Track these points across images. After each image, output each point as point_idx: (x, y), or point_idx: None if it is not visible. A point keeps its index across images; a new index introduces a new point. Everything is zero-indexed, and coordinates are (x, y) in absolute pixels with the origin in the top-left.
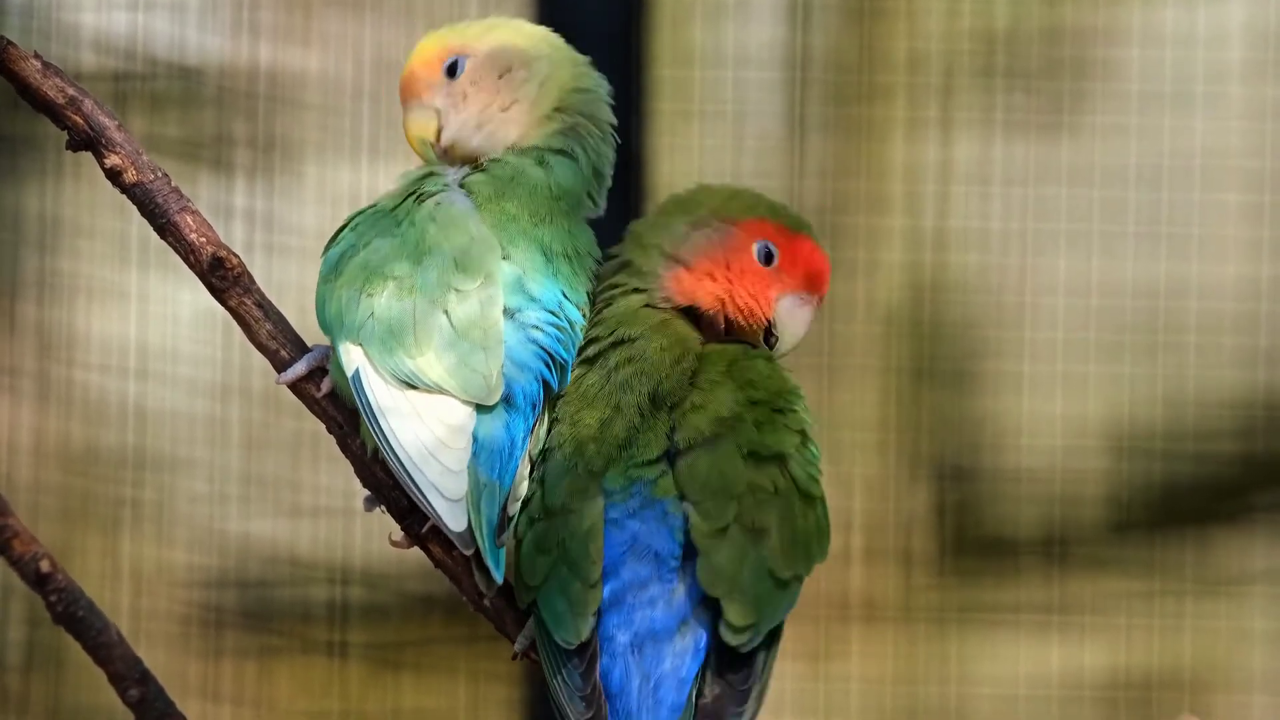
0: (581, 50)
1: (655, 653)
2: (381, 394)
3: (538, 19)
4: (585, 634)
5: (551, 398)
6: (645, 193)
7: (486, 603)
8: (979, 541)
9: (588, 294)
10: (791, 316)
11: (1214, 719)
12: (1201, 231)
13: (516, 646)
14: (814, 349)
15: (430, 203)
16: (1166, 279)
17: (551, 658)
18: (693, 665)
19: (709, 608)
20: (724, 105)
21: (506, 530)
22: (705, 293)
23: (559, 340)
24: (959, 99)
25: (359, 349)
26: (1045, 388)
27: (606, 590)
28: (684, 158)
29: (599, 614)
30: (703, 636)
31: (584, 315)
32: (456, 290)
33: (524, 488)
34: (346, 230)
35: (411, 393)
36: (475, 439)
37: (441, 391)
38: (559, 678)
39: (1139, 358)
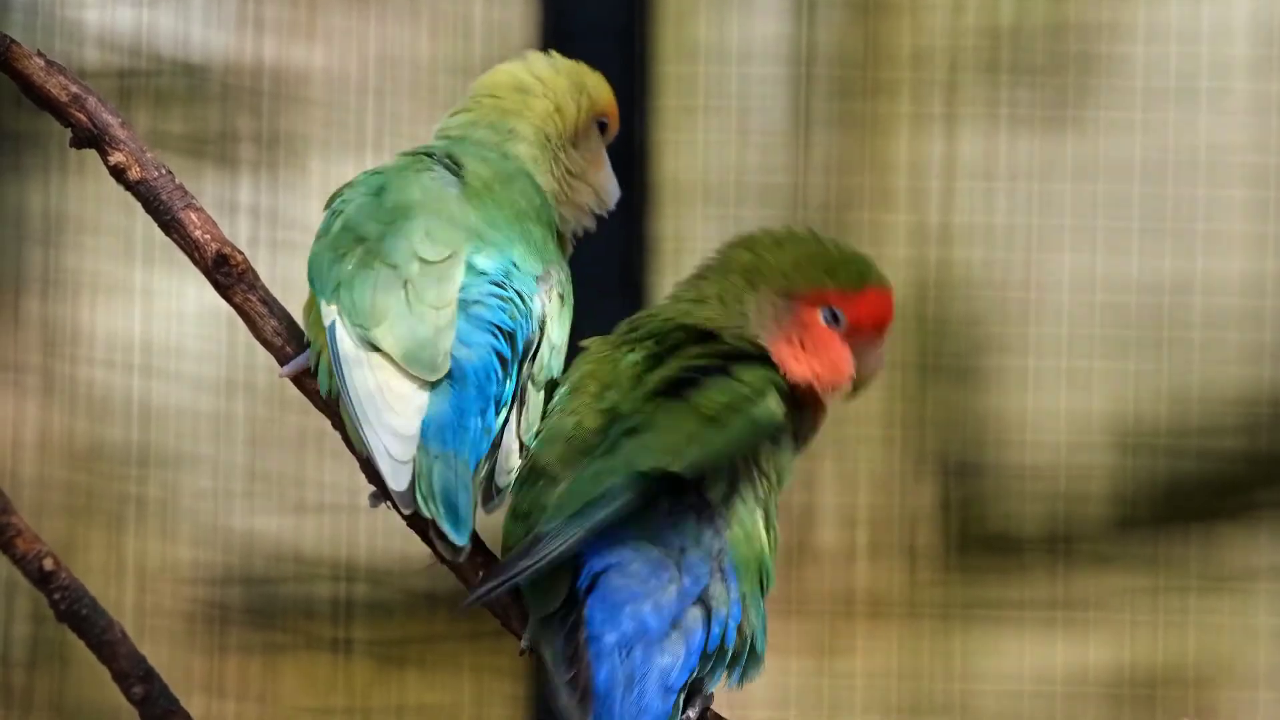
0: (585, 45)
1: (644, 655)
2: (347, 347)
3: (541, 16)
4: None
5: (522, 368)
6: (649, 188)
7: (492, 597)
8: (984, 537)
9: (541, 276)
10: (865, 363)
11: (1218, 715)
12: (1206, 227)
13: (523, 643)
14: None
15: (426, 175)
16: (1171, 274)
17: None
18: (681, 674)
19: (704, 609)
20: (728, 101)
21: (494, 500)
22: (801, 374)
23: (503, 310)
24: (963, 94)
25: (333, 307)
26: (1050, 383)
27: (594, 586)
28: (688, 153)
29: (583, 596)
30: (696, 640)
31: (544, 291)
32: (421, 260)
33: (514, 459)
34: (347, 188)
35: (374, 353)
36: (424, 412)
37: (391, 361)
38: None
39: (1144, 353)
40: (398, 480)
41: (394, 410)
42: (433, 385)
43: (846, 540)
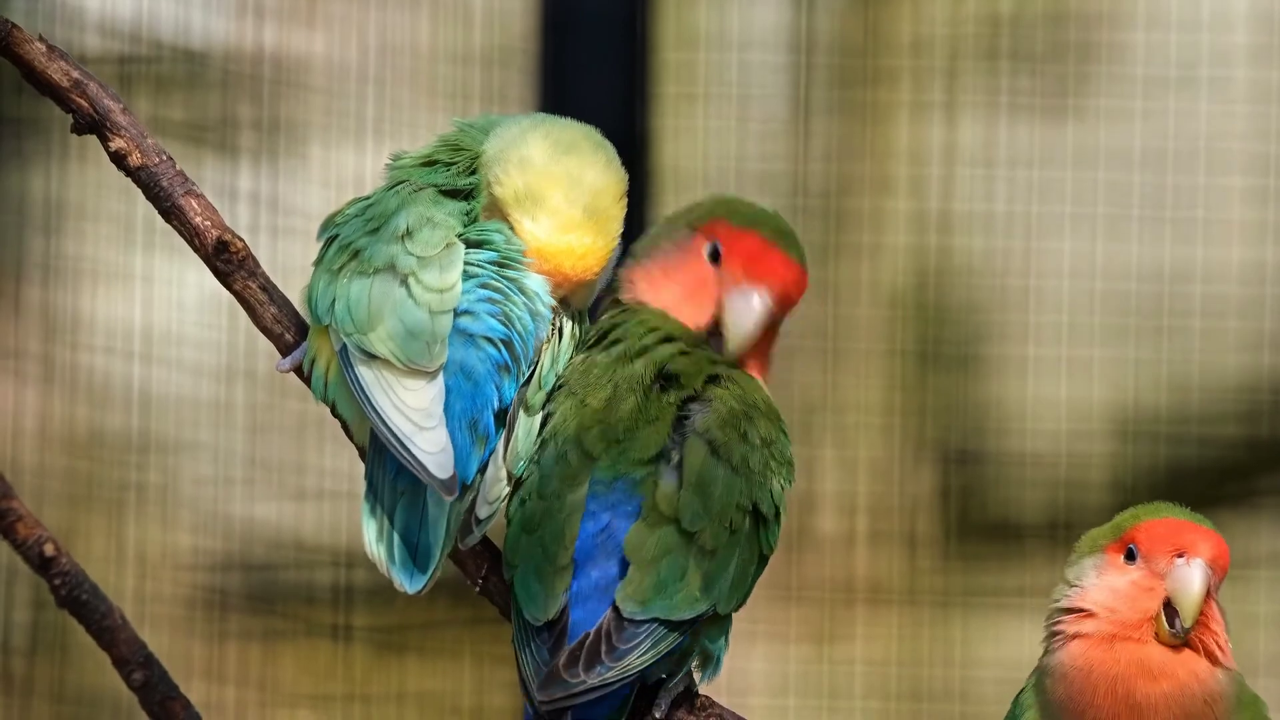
0: (586, 33)
1: None
2: (362, 369)
3: (541, 3)
4: (553, 612)
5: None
6: (649, 176)
7: (490, 586)
8: (983, 525)
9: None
10: (731, 310)
11: None
12: (1206, 215)
13: None
14: (818, 332)
15: (408, 186)
16: (1171, 262)
17: (521, 633)
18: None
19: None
20: (729, 88)
21: (474, 532)
22: (654, 296)
23: (495, 316)
24: (963, 82)
25: (334, 331)
26: (1050, 371)
27: (574, 584)
28: (688, 141)
29: (567, 599)
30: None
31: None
32: (417, 256)
33: (499, 489)
34: (338, 214)
35: (375, 360)
36: (440, 400)
37: (387, 361)
38: (527, 652)
39: (1143, 341)
40: (441, 470)
41: (410, 407)
42: (431, 377)
43: (846, 527)
